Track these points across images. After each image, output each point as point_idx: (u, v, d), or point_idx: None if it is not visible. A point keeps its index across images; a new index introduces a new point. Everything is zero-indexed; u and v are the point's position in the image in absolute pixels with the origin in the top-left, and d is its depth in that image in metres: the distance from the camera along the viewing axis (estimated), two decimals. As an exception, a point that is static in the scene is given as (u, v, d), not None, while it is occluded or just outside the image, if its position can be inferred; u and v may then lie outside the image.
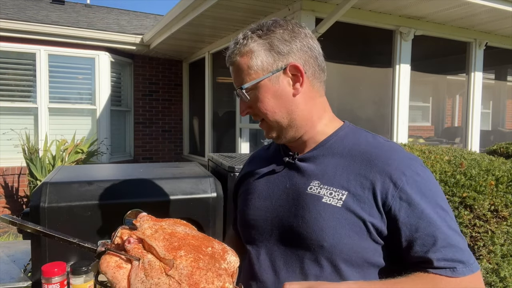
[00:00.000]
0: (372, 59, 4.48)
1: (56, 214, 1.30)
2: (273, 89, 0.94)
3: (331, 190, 0.91)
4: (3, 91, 5.50)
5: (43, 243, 1.30)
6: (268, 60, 0.93)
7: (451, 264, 0.84)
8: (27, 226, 0.81)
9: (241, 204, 1.11)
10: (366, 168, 0.90)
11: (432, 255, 0.84)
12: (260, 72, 0.93)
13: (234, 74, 0.98)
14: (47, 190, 1.33)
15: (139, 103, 6.74)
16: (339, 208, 0.89)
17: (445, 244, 0.84)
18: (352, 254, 0.89)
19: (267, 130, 1.00)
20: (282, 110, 0.95)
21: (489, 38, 4.63)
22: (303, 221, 0.92)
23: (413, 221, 0.86)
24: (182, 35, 5.05)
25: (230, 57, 0.97)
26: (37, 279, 1.26)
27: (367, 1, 3.53)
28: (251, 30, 0.96)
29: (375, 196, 0.88)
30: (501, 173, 2.20)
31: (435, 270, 0.84)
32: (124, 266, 0.75)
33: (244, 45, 0.94)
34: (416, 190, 0.87)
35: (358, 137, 0.98)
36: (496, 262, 2.05)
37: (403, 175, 0.88)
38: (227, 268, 0.80)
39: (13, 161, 5.44)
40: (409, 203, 0.86)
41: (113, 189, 1.41)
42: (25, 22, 5.36)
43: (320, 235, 0.89)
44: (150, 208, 1.41)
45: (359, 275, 0.90)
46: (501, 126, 6.71)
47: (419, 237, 0.85)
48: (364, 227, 0.88)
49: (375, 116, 4.36)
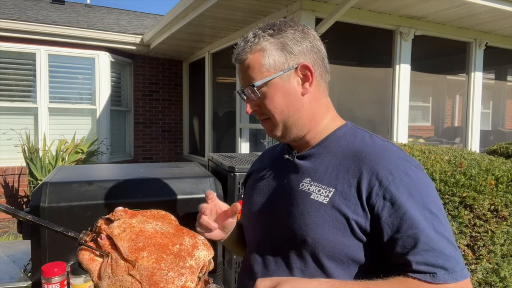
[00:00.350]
0: (372, 59, 4.48)
1: (56, 214, 1.30)
2: (283, 88, 0.96)
3: (319, 187, 0.94)
4: (3, 91, 5.50)
5: (43, 243, 1.30)
6: (280, 59, 0.95)
7: (431, 269, 0.80)
8: (19, 216, 0.88)
9: (244, 199, 1.16)
10: (355, 166, 0.91)
11: (412, 257, 0.82)
12: (272, 70, 0.95)
13: (243, 72, 0.98)
14: (47, 190, 1.33)
15: (139, 103, 6.74)
16: (325, 204, 0.90)
17: (427, 248, 0.81)
18: (335, 251, 0.89)
19: (271, 128, 1.01)
20: (290, 109, 0.97)
21: (489, 38, 4.63)
22: (290, 216, 0.95)
23: (395, 221, 0.84)
24: (182, 35, 5.05)
25: (240, 55, 0.97)
26: (37, 279, 1.26)
27: (367, 1, 3.53)
28: (262, 30, 0.97)
29: (359, 193, 0.88)
30: (501, 173, 2.20)
31: (414, 274, 0.81)
32: (97, 259, 0.83)
33: (256, 43, 0.95)
34: (403, 190, 0.85)
35: (355, 137, 0.99)
36: (496, 262, 2.05)
37: (390, 174, 0.87)
38: (193, 264, 0.81)
39: (13, 161, 5.44)
40: (392, 203, 0.85)
41: (113, 189, 1.41)
42: (25, 22, 5.37)
43: (304, 230, 0.92)
44: (150, 208, 1.42)
45: (344, 272, 0.90)
46: (501, 126, 6.71)
47: (400, 237, 0.83)
48: (347, 225, 0.88)
49: (375, 116, 4.36)
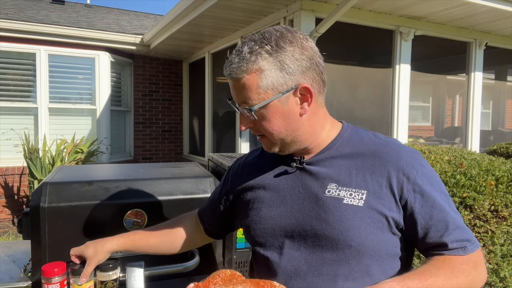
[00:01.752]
0: (372, 59, 4.47)
1: (56, 214, 1.30)
2: (281, 110, 0.93)
3: (350, 191, 0.94)
4: (3, 91, 5.50)
5: (43, 243, 1.30)
6: (279, 80, 0.90)
7: (462, 244, 0.92)
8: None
9: (248, 216, 1.06)
10: (379, 166, 0.95)
11: (446, 238, 0.91)
12: (270, 92, 0.90)
13: (237, 91, 0.94)
14: (47, 190, 1.33)
15: (139, 103, 6.74)
16: (361, 207, 0.92)
17: (455, 227, 0.92)
18: (376, 249, 0.93)
19: (269, 145, 0.99)
20: (288, 129, 0.95)
21: (489, 38, 4.63)
22: (327, 223, 0.93)
23: (427, 210, 0.92)
24: (182, 35, 5.05)
25: (235, 73, 0.91)
26: (37, 279, 1.26)
27: (367, 1, 3.53)
28: (258, 44, 0.90)
29: (392, 191, 0.93)
30: (501, 173, 2.20)
31: (449, 252, 0.91)
32: None
33: (253, 62, 0.89)
34: (426, 181, 0.94)
35: (361, 137, 1.02)
36: (496, 262, 2.05)
37: (413, 169, 0.94)
38: None
39: (13, 161, 5.44)
40: (422, 194, 0.93)
41: (113, 189, 1.41)
42: (25, 22, 5.36)
43: (347, 235, 0.91)
44: (150, 208, 1.42)
45: (380, 266, 0.94)
46: (501, 126, 6.70)
47: (434, 224, 0.92)
48: (386, 222, 0.92)
49: (375, 116, 4.36)
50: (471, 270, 0.90)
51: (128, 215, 1.38)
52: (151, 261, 1.32)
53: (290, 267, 0.97)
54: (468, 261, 0.91)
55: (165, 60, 6.89)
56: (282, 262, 0.98)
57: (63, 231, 1.31)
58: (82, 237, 1.32)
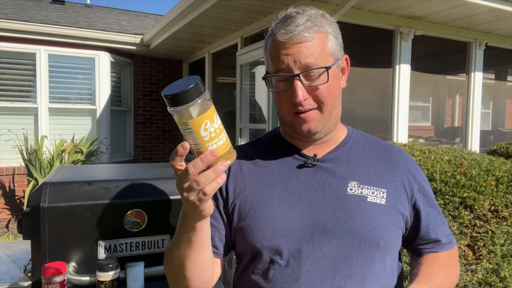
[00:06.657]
0: (372, 59, 4.47)
1: (56, 214, 1.30)
2: (337, 77, 0.93)
3: (372, 190, 0.93)
4: (3, 91, 5.49)
5: (43, 243, 1.30)
6: (337, 47, 0.92)
7: (449, 239, 1.00)
8: None
9: (257, 219, 0.92)
10: (392, 167, 0.98)
11: (440, 234, 0.98)
12: (331, 57, 0.90)
13: (304, 53, 0.85)
14: (47, 190, 1.32)
15: (139, 103, 6.74)
16: (383, 205, 0.92)
17: (442, 223, 1.00)
18: (395, 247, 0.95)
19: (315, 120, 0.90)
20: (337, 100, 0.94)
21: (489, 38, 4.63)
22: (355, 222, 0.88)
23: (428, 208, 0.98)
24: (182, 35, 5.05)
25: (307, 31, 0.85)
26: (37, 279, 1.26)
27: (367, 1, 3.53)
28: (313, 15, 0.89)
29: (405, 190, 0.96)
30: (501, 173, 2.20)
31: (442, 248, 0.98)
32: None
33: (321, 24, 0.88)
34: (425, 181, 1.01)
35: (366, 138, 1.05)
36: (496, 262, 2.05)
37: (417, 170, 1.01)
38: None
39: (13, 161, 5.44)
40: (424, 194, 0.99)
41: (113, 189, 1.41)
42: (25, 22, 5.36)
43: (374, 234, 0.88)
44: (150, 208, 1.41)
45: (393, 264, 0.96)
46: (501, 126, 6.70)
47: (431, 222, 0.98)
48: (402, 221, 0.95)
49: (375, 116, 4.36)
50: (456, 263, 1.00)
51: (128, 215, 1.38)
52: (151, 261, 1.31)
53: (314, 271, 0.86)
54: (454, 255, 1.01)
55: (165, 60, 6.89)
56: (303, 267, 0.87)
57: (63, 231, 1.31)
58: (82, 237, 1.32)
